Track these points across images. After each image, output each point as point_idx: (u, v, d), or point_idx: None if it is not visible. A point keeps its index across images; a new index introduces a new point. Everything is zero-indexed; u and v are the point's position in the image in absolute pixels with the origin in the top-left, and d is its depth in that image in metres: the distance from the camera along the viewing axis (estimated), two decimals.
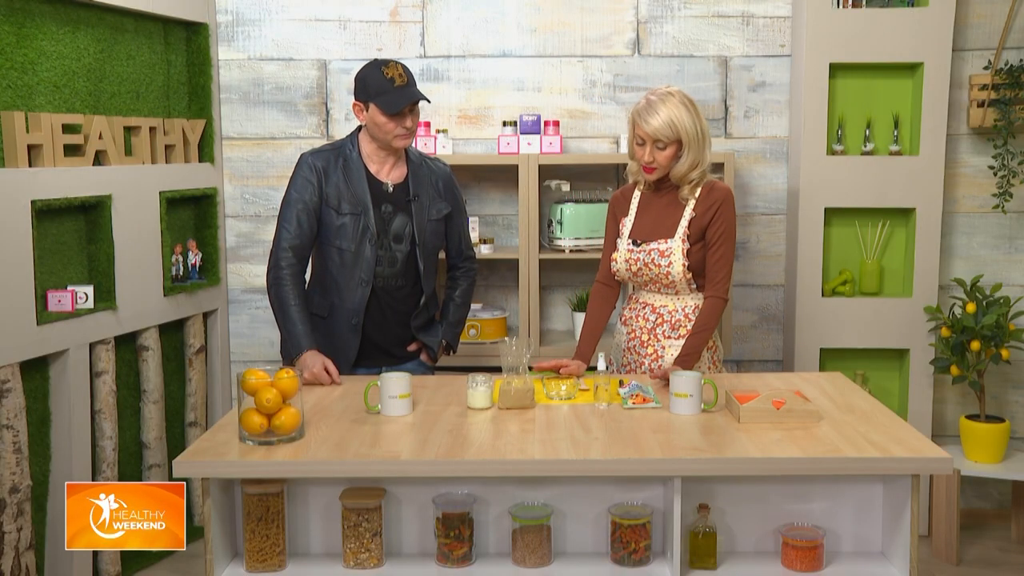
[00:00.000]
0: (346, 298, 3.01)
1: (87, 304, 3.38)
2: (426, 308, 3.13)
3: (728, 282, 2.91)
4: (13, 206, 3.09)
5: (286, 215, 2.97)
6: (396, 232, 3.02)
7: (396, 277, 3.04)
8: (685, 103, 2.85)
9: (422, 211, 3.05)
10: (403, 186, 3.05)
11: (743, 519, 2.38)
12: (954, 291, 4.03)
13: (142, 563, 3.70)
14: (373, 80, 2.92)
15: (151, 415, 3.75)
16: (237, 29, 4.12)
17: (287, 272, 2.94)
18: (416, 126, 2.99)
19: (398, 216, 3.03)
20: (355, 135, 3.07)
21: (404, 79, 2.93)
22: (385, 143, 2.97)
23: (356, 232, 2.97)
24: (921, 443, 2.25)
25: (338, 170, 2.99)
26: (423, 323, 3.14)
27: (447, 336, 3.19)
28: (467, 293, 3.26)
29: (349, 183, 2.98)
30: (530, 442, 2.29)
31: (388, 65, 2.93)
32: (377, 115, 2.92)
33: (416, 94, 2.93)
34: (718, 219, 2.88)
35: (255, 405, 2.27)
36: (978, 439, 3.82)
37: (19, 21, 3.18)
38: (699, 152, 2.87)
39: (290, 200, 2.98)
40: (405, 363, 3.12)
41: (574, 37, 4.11)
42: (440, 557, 2.32)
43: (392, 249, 3.02)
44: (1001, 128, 3.79)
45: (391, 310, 3.06)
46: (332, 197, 2.97)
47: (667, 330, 2.96)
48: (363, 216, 2.97)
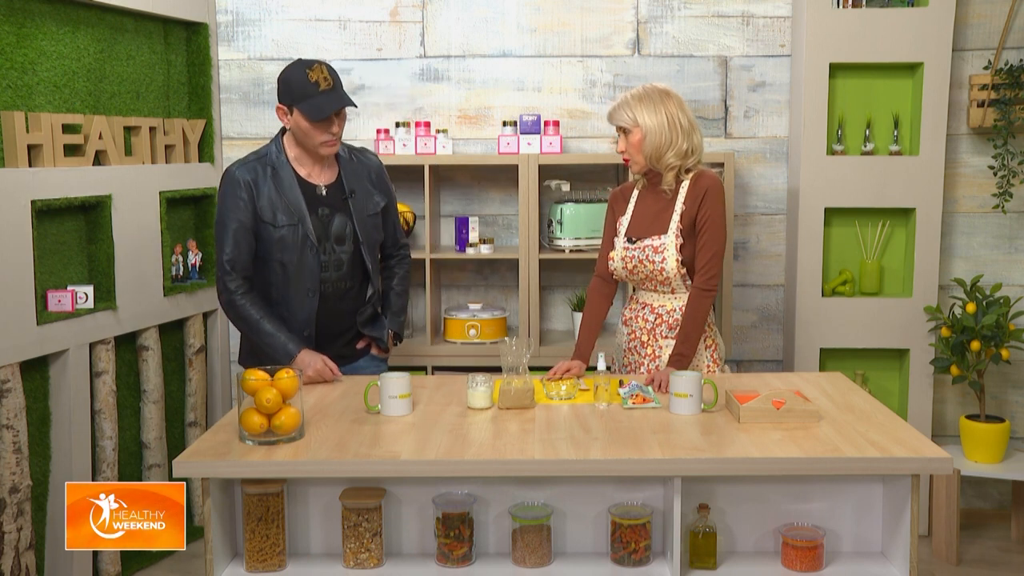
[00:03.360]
0: (295, 310, 2.92)
1: (87, 304, 3.38)
2: (370, 303, 3.07)
3: (714, 271, 2.87)
4: (13, 206, 3.09)
5: (222, 237, 2.85)
6: (337, 234, 2.94)
7: (343, 280, 2.97)
8: (654, 93, 2.90)
9: (360, 207, 2.96)
10: (336, 185, 2.96)
11: (743, 519, 2.38)
12: (954, 291, 4.03)
13: (142, 563, 3.70)
14: (297, 83, 2.78)
15: (151, 415, 3.75)
16: (237, 29, 4.12)
17: (239, 293, 2.85)
18: (342, 131, 2.87)
19: (336, 217, 2.93)
20: (279, 139, 2.94)
21: (330, 82, 2.79)
22: (312, 149, 2.87)
23: (296, 242, 2.86)
24: (921, 443, 2.25)
25: (268, 180, 2.86)
26: (368, 318, 3.09)
27: (393, 326, 3.13)
28: (405, 280, 3.20)
29: (281, 193, 2.86)
30: (530, 442, 2.29)
31: (313, 67, 2.79)
32: (302, 120, 2.80)
33: (343, 100, 2.81)
34: (704, 205, 2.89)
35: (255, 405, 2.27)
36: (978, 439, 3.82)
37: (19, 21, 3.18)
38: (666, 137, 2.88)
39: (224, 221, 2.85)
40: (356, 361, 3.08)
41: (574, 37, 4.11)
42: (440, 557, 2.32)
43: (336, 252, 2.93)
44: (1001, 128, 3.79)
45: (339, 313, 3.00)
46: (266, 210, 2.85)
47: (665, 330, 2.96)
48: (301, 225, 2.86)
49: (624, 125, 2.91)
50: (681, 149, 2.90)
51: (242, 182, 2.85)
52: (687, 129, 2.90)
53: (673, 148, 2.89)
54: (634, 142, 2.91)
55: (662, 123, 2.88)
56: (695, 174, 2.93)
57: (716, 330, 3.03)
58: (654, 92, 2.92)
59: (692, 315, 2.87)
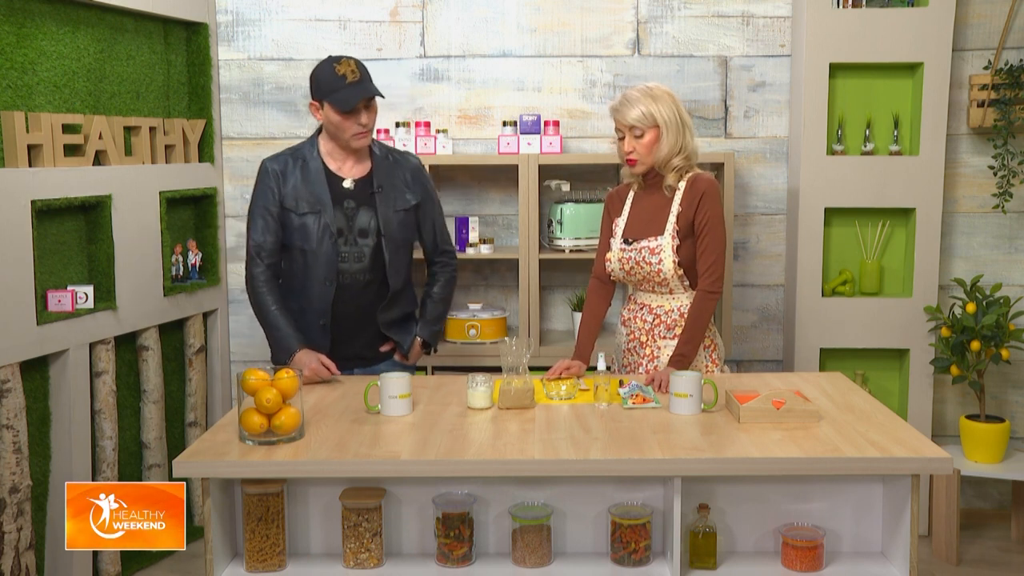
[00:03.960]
0: (313, 298, 2.98)
1: (87, 304, 3.38)
2: (395, 303, 3.08)
3: (717, 273, 2.88)
4: (13, 206, 3.09)
5: (252, 223, 2.98)
6: (361, 227, 2.99)
7: (363, 272, 2.99)
8: (661, 93, 2.89)
9: (387, 203, 3.00)
10: (366, 180, 3.01)
11: (743, 519, 2.38)
12: (954, 291, 4.03)
13: (142, 563, 3.70)
14: (325, 78, 2.87)
15: (151, 415, 3.75)
16: (237, 29, 4.12)
17: (260, 279, 2.95)
18: (373, 123, 2.94)
19: (362, 211, 2.99)
20: (315, 136, 3.04)
21: (357, 75, 2.86)
22: (344, 143, 2.94)
23: (316, 231, 2.94)
24: (921, 443, 2.25)
25: (296, 171, 2.97)
26: (393, 320, 3.09)
27: (424, 334, 3.14)
28: (446, 288, 3.20)
29: (307, 182, 2.95)
30: (530, 442, 2.29)
31: (340, 62, 2.87)
32: (332, 113, 2.88)
33: (370, 90, 2.87)
34: (702, 209, 2.89)
35: (255, 405, 2.27)
36: (978, 439, 3.82)
37: (19, 21, 3.18)
38: (678, 137, 2.89)
39: (253, 208, 2.99)
40: (377, 364, 3.09)
41: (574, 37, 4.11)
42: (440, 557, 2.32)
43: (359, 244, 2.98)
44: (1001, 128, 3.79)
45: (358, 307, 3.02)
46: (289, 198, 2.95)
47: (663, 331, 2.96)
48: (322, 214, 2.94)
49: (639, 125, 2.87)
50: (688, 149, 2.91)
51: (271, 172, 2.98)
52: (691, 129, 2.93)
53: (684, 149, 2.90)
54: (647, 143, 2.89)
55: (677, 124, 2.88)
56: (691, 176, 2.94)
57: (716, 331, 3.04)
58: (663, 92, 2.90)
59: (696, 316, 2.87)
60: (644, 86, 2.93)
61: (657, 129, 2.87)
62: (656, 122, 2.86)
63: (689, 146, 2.92)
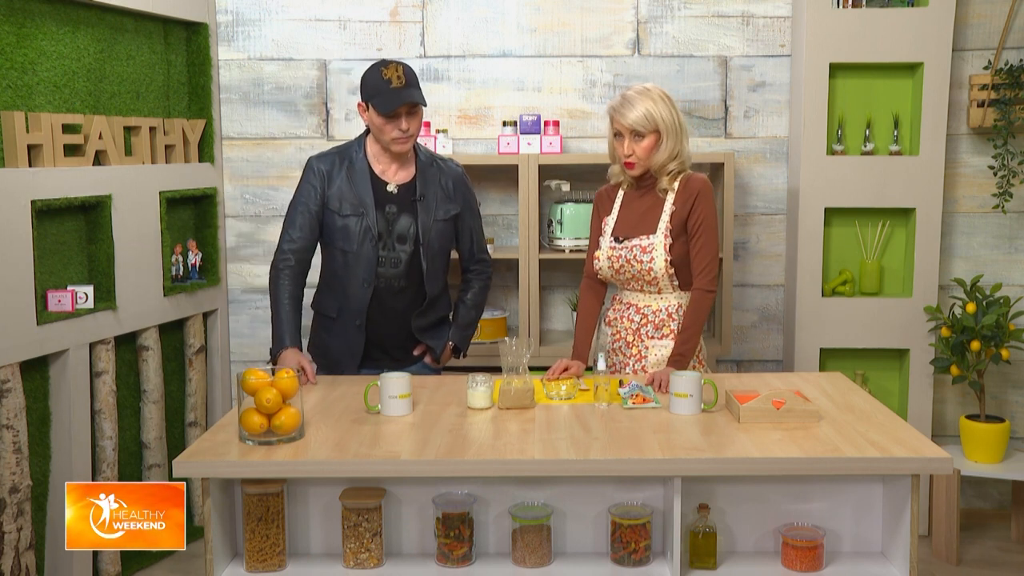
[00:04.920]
0: (350, 298, 3.02)
1: (87, 304, 3.38)
2: (431, 309, 3.12)
3: (712, 273, 2.89)
4: (13, 206, 3.09)
5: (289, 217, 3.03)
6: (400, 233, 3.01)
7: (399, 278, 3.02)
8: (661, 96, 2.89)
9: (428, 211, 3.03)
10: (409, 186, 3.04)
11: (743, 519, 2.38)
12: (954, 291, 4.03)
13: (142, 563, 3.70)
14: (372, 80, 2.91)
15: (151, 415, 3.75)
16: (237, 29, 4.12)
17: (284, 273, 2.98)
18: (416, 130, 2.94)
19: (402, 217, 3.01)
20: (363, 137, 3.07)
21: (402, 81, 2.89)
22: (385, 145, 2.96)
23: (358, 233, 2.97)
24: (921, 443, 2.25)
25: (342, 172, 3.00)
26: (428, 325, 3.12)
27: (454, 338, 3.17)
28: (479, 295, 3.23)
29: (352, 185, 2.99)
30: (530, 442, 2.29)
31: (389, 66, 2.90)
32: (374, 116, 2.91)
33: (411, 96, 2.88)
34: (696, 209, 2.89)
35: (255, 405, 2.27)
36: (978, 439, 3.82)
37: (19, 21, 3.18)
38: (676, 142, 2.89)
39: (294, 203, 3.03)
40: (409, 366, 3.11)
41: (574, 37, 4.11)
42: (440, 557, 2.32)
43: (396, 249, 3.01)
44: (1001, 128, 3.79)
45: (393, 311, 3.05)
46: (333, 199, 2.99)
47: (651, 330, 2.95)
48: (364, 217, 2.97)
49: (640, 128, 2.86)
50: (684, 155, 2.92)
51: (317, 171, 3.02)
52: (687, 134, 2.95)
53: (680, 154, 2.90)
54: (646, 146, 2.88)
55: (675, 128, 2.88)
56: (685, 176, 2.94)
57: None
58: (662, 95, 2.89)
59: (695, 316, 2.87)
60: (642, 87, 2.91)
61: (657, 134, 2.87)
62: (657, 126, 2.86)
63: (685, 151, 2.92)
